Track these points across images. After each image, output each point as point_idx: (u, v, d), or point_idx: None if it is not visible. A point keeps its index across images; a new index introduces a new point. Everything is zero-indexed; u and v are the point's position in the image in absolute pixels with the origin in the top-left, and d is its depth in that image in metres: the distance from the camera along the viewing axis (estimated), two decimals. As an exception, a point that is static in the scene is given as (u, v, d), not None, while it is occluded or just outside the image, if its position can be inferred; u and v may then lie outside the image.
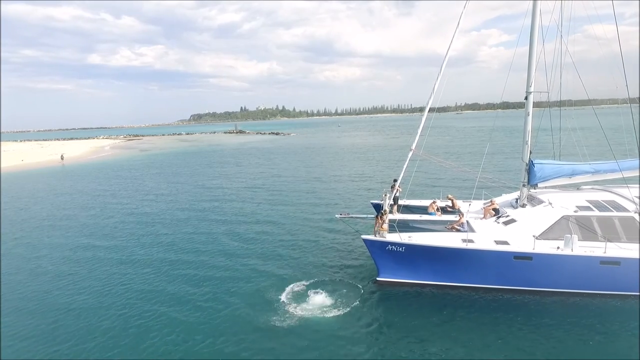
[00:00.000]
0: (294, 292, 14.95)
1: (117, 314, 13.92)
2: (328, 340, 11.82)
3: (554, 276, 13.65)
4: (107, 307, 14.45)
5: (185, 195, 35.03)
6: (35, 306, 14.86)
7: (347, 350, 11.40)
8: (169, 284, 16.25)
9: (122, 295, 15.40)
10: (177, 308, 14.14)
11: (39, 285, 16.77)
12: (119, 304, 14.67)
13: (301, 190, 35.00)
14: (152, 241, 21.98)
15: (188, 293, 15.29)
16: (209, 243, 21.19)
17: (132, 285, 16.25)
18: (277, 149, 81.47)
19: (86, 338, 12.49)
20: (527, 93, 16.22)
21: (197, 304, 14.34)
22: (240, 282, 16.02)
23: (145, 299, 14.97)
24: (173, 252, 19.99)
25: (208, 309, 13.96)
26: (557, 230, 14.08)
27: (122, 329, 12.96)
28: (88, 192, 38.67)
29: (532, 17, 15.82)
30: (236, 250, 19.81)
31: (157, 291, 15.62)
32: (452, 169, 34.55)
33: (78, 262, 19.25)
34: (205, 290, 15.49)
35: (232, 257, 18.84)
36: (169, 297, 15.01)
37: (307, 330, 12.34)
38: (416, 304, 13.99)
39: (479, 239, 14.37)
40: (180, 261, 18.69)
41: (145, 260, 19.05)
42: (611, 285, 13.41)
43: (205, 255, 19.38)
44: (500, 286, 14.24)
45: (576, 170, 16.84)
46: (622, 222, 13.99)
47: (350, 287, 15.20)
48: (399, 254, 14.64)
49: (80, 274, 17.66)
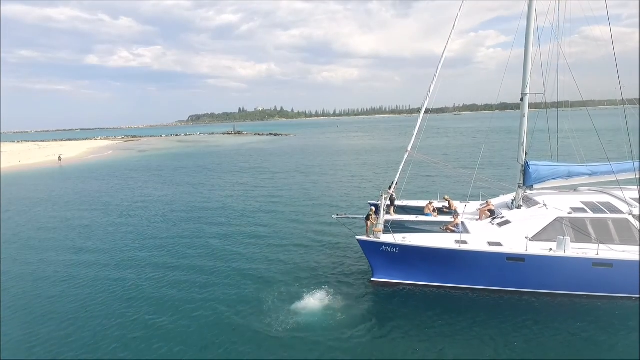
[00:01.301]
0: (289, 292, 14.92)
1: (113, 320, 13.85)
2: (322, 340, 11.79)
3: (546, 278, 13.65)
4: (91, 312, 14.29)
5: (184, 197, 34.95)
6: (16, 314, 14.78)
7: (341, 350, 11.39)
8: (169, 289, 16.12)
9: (120, 300, 15.33)
10: (171, 311, 14.10)
11: (24, 289, 16.69)
12: (113, 309, 14.59)
13: (299, 191, 34.97)
14: (147, 245, 21.89)
15: (183, 297, 15.24)
16: (207, 246, 21.12)
17: (125, 289, 16.17)
18: (277, 150, 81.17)
19: (64, 346, 12.41)
20: (523, 94, 16.28)
21: (196, 306, 14.29)
22: (235, 283, 15.97)
23: (136, 305, 14.88)
24: (170, 257, 19.87)
25: (207, 309, 13.93)
26: (550, 232, 14.09)
27: (119, 334, 12.90)
28: (84, 194, 38.59)
29: (527, 18, 15.87)
30: (233, 252, 19.75)
31: (155, 295, 15.57)
32: (449, 170, 34.60)
33: (63, 265, 19.09)
34: (204, 291, 15.45)
35: (229, 259, 18.80)
36: (166, 300, 14.96)
37: (301, 330, 12.32)
38: (410, 305, 13.99)
39: (472, 240, 14.39)
40: (179, 266, 18.54)
41: (137, 264, 18.89)
42: (604, 287, 13.42)
43: (204, 257, 19.34)
44: (493, 287, 14.27)
45: (572, 172, 16.85)
46: (615, 224, 13.99)
47: (345, 287, 15.19)
48: (392, 254, 14.65)
49: (62, 278, 17.47)
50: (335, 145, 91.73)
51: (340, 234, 21.13)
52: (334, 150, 75.73)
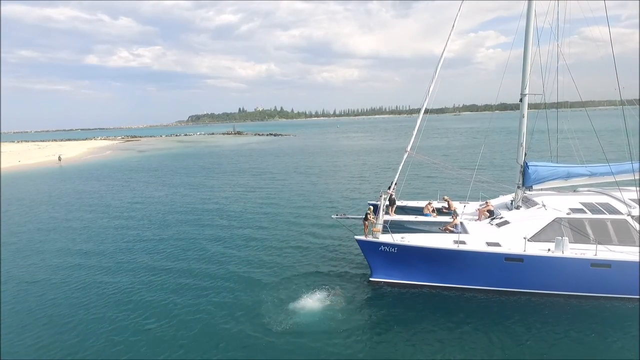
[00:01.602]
0: (288, 292, 14.92)
1: (112, 321, 13.86)
2: (320, 340, 11.81)
3: (545, 278, 13.66)
4: (89, 314, 14.28)
5: (183, 198, 34.96)
6: (16, 314, 14.75)
7: (340, 349, 11.42)
8: (165, 292, 16.12)
9: (118, 302, 15.33)
10: (169, 314, 14.11)
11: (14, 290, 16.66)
12: (111, 311, 14.59)
13: (299, 191, 34.97)
14: (145, 247, 21.89)
15: (180, 300, 15.24)
16: (205, 248, 21.13)
17: (124, 293, 16.17)
18: (277, 151, 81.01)
19: (64, 346, 12.41)
20: (522, 95, 16.26)
21: (195, 309, 14.29)
22: (232, 285, 15.97)
23: (134, 307, 14.89)
24: (167, 259, 19.86)
25: (205, 312, 13.94)
26: (549, 232, 14.09)
27: (118, 334, 12.89)
28: (83, 195, 38.62)
29: (527, 18, 15.85)
30: (231, 254, 19.77)
31: (152, 298, 15.55)
32: (448, 170, 34.60)
33: (56, 267, 19.07)
34: (202, 293, 15.46)
35: (226, 260, 18.82)
36: (163, 304, 14.96)
37: (299, 331, 12.33)
38: (408, 305, 14.02)
39: (470, 241, 14.40)
40: (176, 269, 18.53)
41: (134, 266, 18.87)
42: (602, 288, 13.41)
43: (202, 259, 19.36)
44: (492, 288, 14.29)
45: (571, 173, 16.81)
46: (614, 225, 13.98)
47: (344, 287, 15.20)
48: (391, 254, 14.68)
49: (61, 279, 17.47)
50: (335, 145, 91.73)
51: (339, 234, 21.14)
52: (334, 151, 75.72)
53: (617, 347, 11.25)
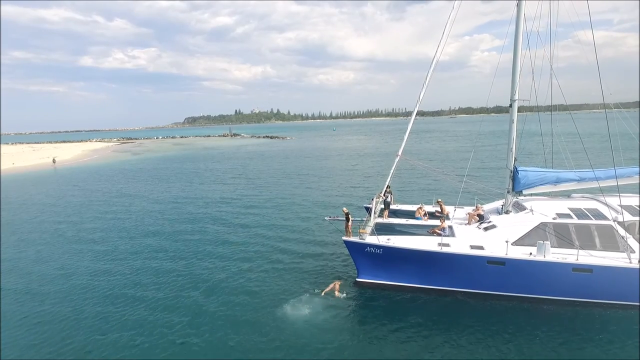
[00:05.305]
0: (277, 292, 15.04)
1: (110, 322, 13.83)
2: (307, 341, 11.92)
3: (527, 282, 13.67)
4: (86, 317, 14.32)
5: (177, 202, 34.88)
6: (16, 315, 14.70)
7: (326, 350, 11.50)
8: (158, 297, 16.08)
9: (117, 301, 15.26)
10: (164, 315, 14.08)
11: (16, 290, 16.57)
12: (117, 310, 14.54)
13: (294, 194, 35.01)
14: (139, 249, 21.84)
15: (173, 301, 15.22)
16: (198, 251, 21.10)
17: (119, 292, 16.11)
18: (274, 154, 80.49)
19: (63, 347, 12.36)
20: (512, 101, 16.24)
21: (191, 308, 14.27)
22: (222, 287, 15.93)
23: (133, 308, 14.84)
24: (160, 263, 19.82)
25: (195, 314, 13.90)
26: (533, 237, 14.11)
27: (117, 335, 12.83)
28: (77, 198, 38.40)
29: (516, 23, 15.83)
30: (223, 253, 19.73)
31: (143, 306, 15.51)
32: (441, 175, 34.69)
33: (54, 268, 19.04)
34: (189, 294, 15.42)
35: (218, 260, 18.78)
36: (162, 303, 14.92)
37: (286, 332, 12.40)
38: (393, 306, 14.15)
39: (455, 243, 14.47)
40: (169, 271, 18.53)
41: (132, 269, 18.90)
42: (584, 293, 13.44)
43: (193, 263, 19.32)
44: (475, 290, 14.35)
45: (561, 178, 16.71)
46: (599, 230, 13.97)
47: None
48: (377, 255, 14.79)
49: (54, 282, 17.45)
50: (332, 148, 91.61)
51: (331, 236, 21.24)
52: (330, 154, 75.48)
53: (599, 352, 11.27)
